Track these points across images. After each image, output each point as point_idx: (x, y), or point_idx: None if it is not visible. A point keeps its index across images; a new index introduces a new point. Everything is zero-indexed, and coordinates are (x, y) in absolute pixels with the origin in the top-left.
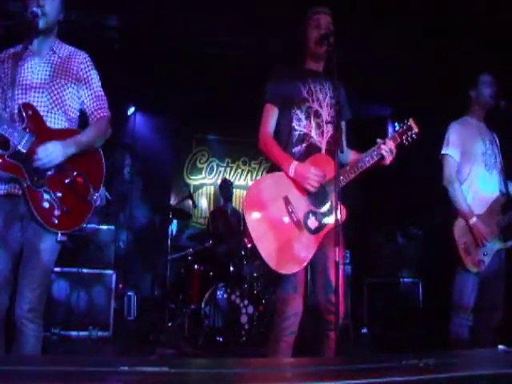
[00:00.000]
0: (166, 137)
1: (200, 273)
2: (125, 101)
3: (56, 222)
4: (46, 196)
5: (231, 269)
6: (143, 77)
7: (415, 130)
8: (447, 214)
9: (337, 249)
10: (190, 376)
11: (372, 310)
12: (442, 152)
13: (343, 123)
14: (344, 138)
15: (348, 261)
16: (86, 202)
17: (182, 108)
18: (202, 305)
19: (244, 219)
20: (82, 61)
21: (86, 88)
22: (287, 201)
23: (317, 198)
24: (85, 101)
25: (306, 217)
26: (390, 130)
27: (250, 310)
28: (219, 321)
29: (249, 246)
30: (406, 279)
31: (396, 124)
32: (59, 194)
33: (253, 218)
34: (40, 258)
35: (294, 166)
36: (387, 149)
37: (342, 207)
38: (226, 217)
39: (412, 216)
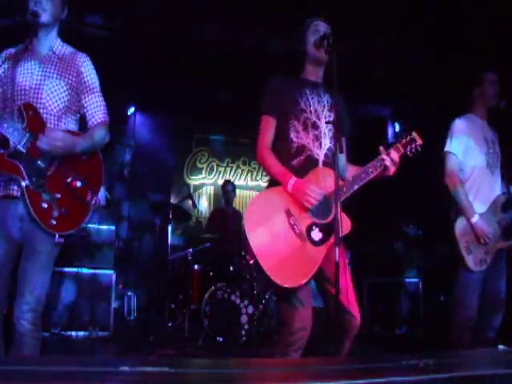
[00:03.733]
0: (166, 137)
1: (200, 273)
2: (125, 101)
3: (54, 223)
4: (44, 196)
5: (231, 269)
6: (143, 77)
7: (419, 141)
8: (448, 213)
9: (337, 249)
10: (190, 376)
11: (372, 309)
12: (445, 149)
13: (343, 139)
14: (344, 154)
15: (348, 260)
16: (84, 204)
17: (182, 108)
18: (202, 305)
19: (245, 236)
20: (81, 64)
21: (86, 92)
22: (289, 213)
23: (320, 209)
24: (84, 105)
25: (310, 229)
26: (390, 130)
27: (250, 310)
28: (219, 321)
29: (251, 262)
30: (406, 279)
31: (396, 124)
32: (58, 195)
33: (254, 233)
34: (39, 259)
35: (292, 182)
36: (390, 160)
37: (346, 217)
38: (226, 218)
39: (412, 216)
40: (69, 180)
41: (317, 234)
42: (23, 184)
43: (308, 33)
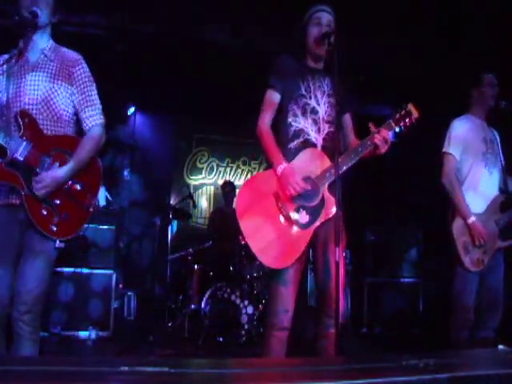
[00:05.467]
0: (166, 137)
1: (200, 273)
2: (125, 101)
3: (55, 229)
4: (44, 204)
5: (231, 269)
6: (143, 77)
7: (415, 115)
8: (446, 213)
9: (337, 249)
10: (190, 376)
11: (372, 310)
12: (443, 150)
13: (348, 115)
14: (351, 132)
15: (348, 261)
16: (83, 208)
17: (182, 108)
18: (202, 305)
19: (237, 219)
20: (74, 65)
21: (80, 94)
22: (278, 197)
23: (307, 192)
24: (78, 107)
25: (297, 211)
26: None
27: (250, 310)
28: (219, 321)
29: (243, 242)
30: (406, 279)
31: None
32: (57, 201)
33: (244, 215)
34: (38, 261)
35: (282, 167)
36: (381, 138)
37: (333, 199)
38: (227, 217)
39: (412, 216)
40: (67, 186)
41: (303, 217)
42: (22, 193)
43: (310, 25)
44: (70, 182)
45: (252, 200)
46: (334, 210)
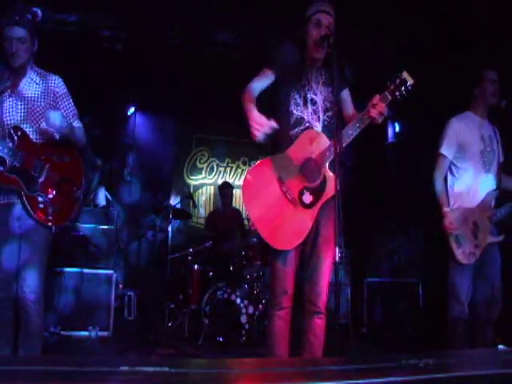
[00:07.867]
0: (166, 137)
1: (200, 273)
2: (125, 101)
3: (51, 218)
4: (40, 199)
5: (231, 269)
6: (143, 77)
7: (410, 82)
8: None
9: (337, 249)
10: (190, 376)
11: (372, 309)
12: (438, 151)
13: (346, 91)
14: (351, 107)
15: (348, 260)
16: (71, 199)
17: (182, 108)
18: (202, 305)
19: (245, 207)
20: (57, 85)
21: (66, 109)
22: (281, 182)
23: (310, 173)
24: (64, 114)
25: (301, 193)
26: (390, 130)
27: (250, 310)
28: (219, 321)
29: (253, 229)
30: (406, 279)
31: (396, 124)
32: (50, 196)
33: (251, 203)
34: (37, 248)
35: (249, 113)
36: (377, 112)
37: (335, 176)
38: (226, 218)
39: (412, 215)
40: (56, 182)
41: (307, 198)
42: (22, 192)
43: (309, 26)
44: (58, 180)
45: (257, 188)
46: (337, 185)
